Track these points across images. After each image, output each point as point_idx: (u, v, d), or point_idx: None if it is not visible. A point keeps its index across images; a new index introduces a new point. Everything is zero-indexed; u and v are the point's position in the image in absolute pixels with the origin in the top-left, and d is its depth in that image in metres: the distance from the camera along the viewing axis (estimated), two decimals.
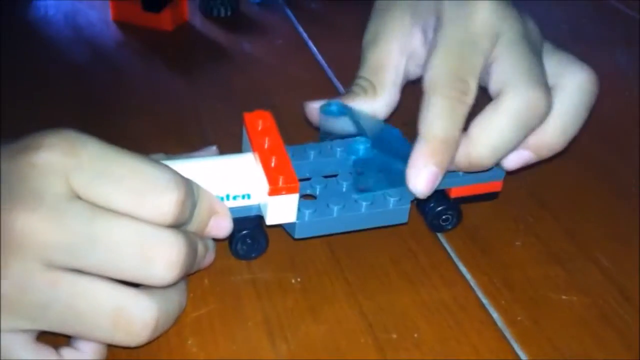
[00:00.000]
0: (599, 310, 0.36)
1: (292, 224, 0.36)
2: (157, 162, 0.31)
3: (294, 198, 0.35)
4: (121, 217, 0.29)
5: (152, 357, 0.33)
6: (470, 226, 0.41)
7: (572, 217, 0.43)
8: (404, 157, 0.36)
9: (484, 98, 0.37)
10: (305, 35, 0.64)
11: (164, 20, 0.63)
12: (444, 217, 0.40)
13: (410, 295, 0.37)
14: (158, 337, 0.32)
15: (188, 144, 0.48)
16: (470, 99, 0.36)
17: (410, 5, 0.40)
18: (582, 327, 0.35)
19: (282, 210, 0.36)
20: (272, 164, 0.35)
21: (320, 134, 0.41)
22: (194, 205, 0.32)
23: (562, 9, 0.71)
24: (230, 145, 0.40)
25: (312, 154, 0.39)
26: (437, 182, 0.36)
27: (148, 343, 0.31)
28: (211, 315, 0.35)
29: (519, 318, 0.36)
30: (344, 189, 0.38)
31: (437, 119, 0.35)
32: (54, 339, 0.31)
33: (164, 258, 0.30)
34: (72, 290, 0.29)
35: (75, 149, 0.29)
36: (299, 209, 0.36)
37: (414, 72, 0.41)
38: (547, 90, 0.36)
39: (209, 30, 0.65)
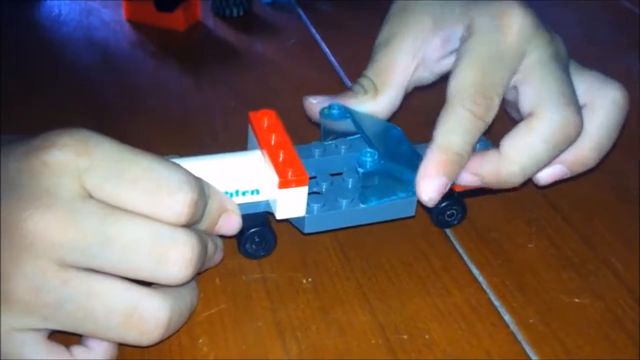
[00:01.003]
0: (611, 314, 0.36)
1: (301, 219, 0.37)
2: (169, 161, 0.31)
3: (303, 191, 0.35)
4: (134, 217, 0.29)
5: (163, 357, 0.33)
6: (483, 228, 0.41)
7: (585, 220, 0.42)
8: (408, 161, 0.37)
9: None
10: (317, 36, 0.64)
11: (177, 20, 0.63)
12: (448, 212, 0.40)
13: (421, 296, 0.37)
14: (169, 336, 0.32)
15: (199, 143, 0.48)
16: (490, 116, 0.36)
17: (433, 11, 0.40)
18: (594, 330, 0.35)
19: (291, 204, 0.36)
20: (280, 159, 0.36)
21: (321, 135, 0.40)
22: (205, 204, 0.32)
23: (575, 11, 0.71)
24: (242, 145, 0.40)
25: (317, 152, 0.39)
26: (445, 192, 0.36)
27: (159, 342, 0.31)
28: (222, 315, 0.35)
29: (531, 320, 0.36)
30: (349, 186, 0.38)
31: (455, 131, 0.36)
32: (65, 338, 0.31)
33: (177, 257, 0.30)
34: (85, 289, 0.29)
35: (88, 148, 0.29)
36: (307, 204, 0.36)
37: (425, 79, 0.41)
38: (579, 111, 0.37)
39: (221, 30, 0.65)
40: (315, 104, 0.41)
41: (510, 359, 0.34)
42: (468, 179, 0.38)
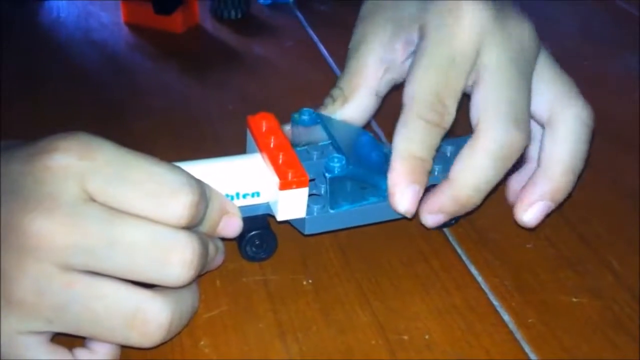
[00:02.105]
0: (610, 313, 0.36)
1: (301, 220, 0.37)
2: (170, 164, 0.31)
3: (304, 192, 0.36)
4: (137, 219, 0.29)
5: (165, 358, 0.33)
6: (481, 229, 0.42)
7: (583, 219, 0.43)
8: (378, 167, 0.37)
9: None
10: (315, 37, 0.64)
11: (175, 22, 0.63)
12: None
13: (421, 297, 0.37)
14: (171, 338, 0.32)
15: (199, 146, 0.48)
16: (447, 121, 0.36)
17: (393, 15, 0.39)
18: (593, 329, 0.35)
19: (292, 205, 0.36)
20: (280, 161, 0.36)
21: (292, 142, 0.40)
22: (206, 206, 0.32)
23: (571, 10, 0.71)
24: (242, 147, 0.41)
25: (314, 155, 0.40)
26: (419, 199, 0.36)
27: (161, 344, 0.31)
28: (223, 317, 0.35)
29: (530, 320, 0.36)
30: (348, 188, 0.38)
31: (414, 140, 0.36)
32: (68, 340, 0.31)
33: (179, 259, 0.30)
34: (88, 292, 0.29)
35: (90, 152, 0.29)
36: (307, 205, 0.36)
37: (399, 79, 0.41)
38: (524, 126, 0.36)
39: (219, 32, 0.65)
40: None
41: (509, 359, 0.34)
42: (434, 220, 0.38)
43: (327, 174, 0.36)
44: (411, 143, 0.36)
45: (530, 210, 0.38)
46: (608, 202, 0.44)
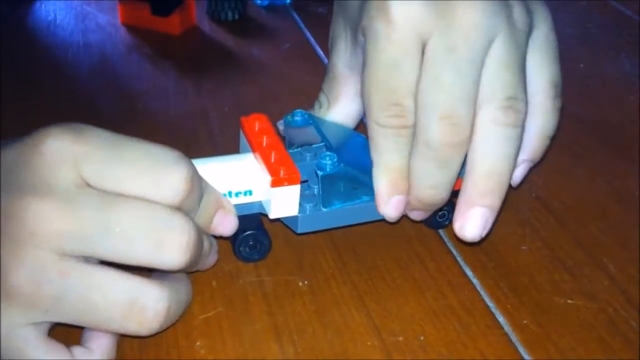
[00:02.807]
0: (604, 316, 0.36)
1: (294, 219, 0.37)
2: (162, 145, 0.32)
3: (296, 190, 0.36)
4: (132, 201, 0.30)
5: (161, 359, 0.33)
6: None
7: (578, 222, 0.43)
8: (370, 167, 0.37)
9: None
10: (312, 39, 0.64)
11: (172, 24, 0.63)
12: (440, 213, 0.40)
13: (416, 298, 0.37)
14: (167, 339, 0.32)
15: (196, 147, 0.48)
16: (410, 119, 0.34)
17: (349, 18, 0.38)
18: (587, 331, 0.35)
19: (284, 203, 0.36)
20: (272, 159, 0.36)
21: (285, 143, 0.41)
22: (200, 189, 0.33)
23: (567, 12, 0.71)
24: (237, 148, 0.41)
25: (308, 156, 0.40)
26: (404, 205, 0.36)
27: (158, 333, 0.31)
28: (219, 318, 0.35)
29: (525, 322, 0.36)
30: (341, 187, 0.38)
31: (385, 149, 0.35)
32: (65, 338, 0.31)
33: (175, 241, 0.30)
34: (85, 280, 0.29)
35: (83, 137, 0.30)
36: (300, 204, 0.36)
37: None
38: (457, 120, 0.33)
39: (216, 34, 0.65)
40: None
41: None
42: (417, 215, 0.38)
43: (319, 172, 0.36)
44: (383, 154, 0.35)
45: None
46: (604, 204, 0.45)
